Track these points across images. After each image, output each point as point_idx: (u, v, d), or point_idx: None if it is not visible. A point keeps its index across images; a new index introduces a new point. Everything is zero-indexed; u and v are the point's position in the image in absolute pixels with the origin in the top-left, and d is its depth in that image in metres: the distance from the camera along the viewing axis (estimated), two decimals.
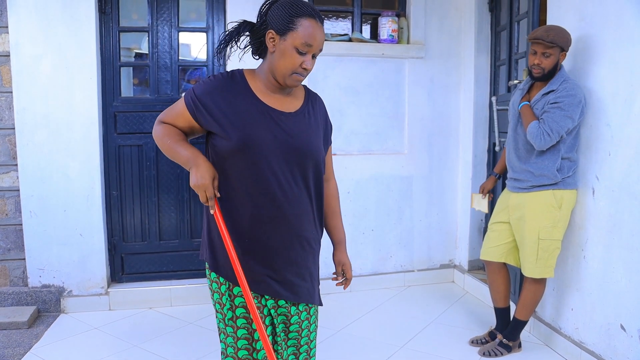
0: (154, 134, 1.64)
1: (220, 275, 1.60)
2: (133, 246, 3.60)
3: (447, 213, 4.05)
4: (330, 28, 3.85)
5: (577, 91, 2.50)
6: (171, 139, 1.58)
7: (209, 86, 1.56)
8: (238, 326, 1.60)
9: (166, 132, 1.60)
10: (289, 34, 1.49)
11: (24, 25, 3.17)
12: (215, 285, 1.63)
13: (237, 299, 1.60)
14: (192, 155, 1.51)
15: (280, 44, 1.50)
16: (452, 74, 3.94)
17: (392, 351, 2.89)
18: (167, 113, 1.64)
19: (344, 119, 3.78)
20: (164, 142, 1.59)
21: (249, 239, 1.58)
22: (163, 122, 1.63)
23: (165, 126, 1.62)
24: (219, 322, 1.65)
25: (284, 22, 1.49)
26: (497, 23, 3.73)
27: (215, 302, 1.64)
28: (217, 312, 1.65)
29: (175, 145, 1.56)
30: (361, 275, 3.90)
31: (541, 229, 2.62)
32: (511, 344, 2.82)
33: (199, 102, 1.54)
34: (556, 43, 2.49)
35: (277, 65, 1.52)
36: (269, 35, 1.52)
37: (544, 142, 2.50)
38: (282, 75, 1.53)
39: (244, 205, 1.56)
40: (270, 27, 1.52)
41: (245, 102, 1.55)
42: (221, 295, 1.62)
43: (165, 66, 3.54)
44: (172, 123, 1.62)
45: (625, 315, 2.38)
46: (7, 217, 3.36)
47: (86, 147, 3.32)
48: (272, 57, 1.53)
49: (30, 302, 3.33)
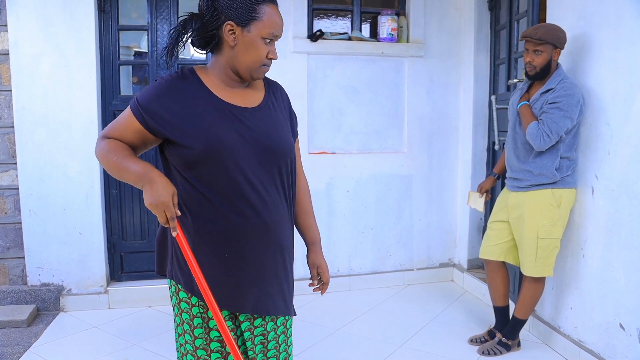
0: (96, 151, 1.41)
1: (195, 295, 1.42)
2: (132, 245, 3.60)
3: (446, 212, 4.05)
4: (329, 27, 3.85)
5: (575, 90, 2.50)
6: (117, 155, 1.36)
7: (156, 90, 1.38)
8: (211, 349, 1.43)
9: (110, 147, 1.38)
10: (252, 24, 1.35)
11: (23, 23, 3.17)
12: (185, 305, 1.44)
13: (211, 322, 1.43)
14: (145, 170, 1.31)
15: (244, 36, 1.36)
16: (451, 73, 3.94)
17: (392, 350, 2.89)
18: (112, 127, 1.42)
19: (344, 118, 3.78)
20: (108, 159, 1.37)
21: (229, 253, 1.41)
22: (107, 137, 1.42)
23: (109, 142, 1.40)
24: (184, 345, 1.46)
25: (244, 12, 1.35)
26: (496, 22, 3.73)
27: (183, 323, 1.45)
28: (184, 334, 1.46)
29: (123, 161, 1.35)
30: (360, 274, 3.90)
31: (540, 228, 2.62)
32: (510, 342, 2.82)
33: (148, 109, 1.36)
34: (544, 40, 2.50)
35: (241, 59, 1.38)
36: (227, 28, 1.36)
37: (543, 143, 2.50)
38: (248, 69, 1.40)
39: (219, 217, 1.39)
40: (228, 18, 1.35)
41: (203, 102, 1.39)
42: (192, 316, 1.43)
43: (164, 65, 3.53)
44: (119, 137, 1.41)
45: (624, 314, 2.39)
46: (7, 215, 3.35)
47: (86, 145, 3.31)
48: (234, 51, 1.38)
49: (29, 300, 3.33)
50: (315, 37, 3.61)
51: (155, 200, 1.27)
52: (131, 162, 1.34)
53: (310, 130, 3.71)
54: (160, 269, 1.52)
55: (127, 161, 1.35)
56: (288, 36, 3.59)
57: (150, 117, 1.36)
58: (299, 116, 3.65)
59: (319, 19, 3.84)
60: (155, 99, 1.37)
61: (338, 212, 3.80)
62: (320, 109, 3.73)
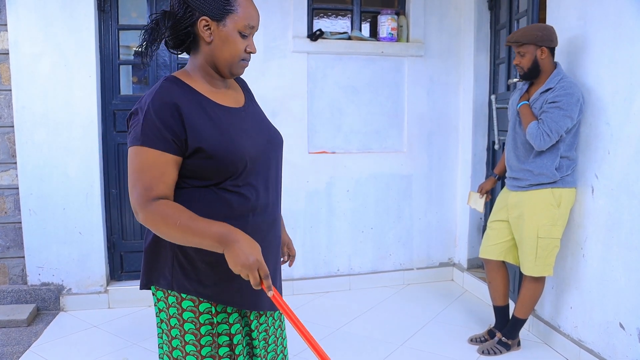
0: (151, 219, 1.24)
1: (208, 300, 1.35)
2: (132, 244, 3.60)
3: (446, 211, 4.05)
4: (329, 26, 3.85)
5: (574, 89, 2.50)
6: (182, 216, 1.23)
7: (163, 106, 1.26)
8: (220, 355, 1.36)
9: (169, 210, 1.23)
10: (228, 17, 1.31)
11: (23, 23, 3.17)
12: (190, 315, 1.35)
13: (220, 326, 1.37)
14: (225, 230, 1.21)
15: (220, 30, 1.31)
16: (451, 73, 3.94)
17: (391, 349, 2.89)
18: (149, 182, 1.24)
19: (343, 118, 3.78)
20: (173, 224, 1.22)
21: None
22: (154, 198, 1.25)
23: (161, 203, 1.24)
24: (186, 357, 1.36)
25: (218, 5, 1.30)
26: (496, 21, 3.73)
27: (186, 334, 1.35)
28: (185, 345, 1.36)
29: (192, 224, 1.22)
30: (360, 273, 3.90)
31: (540, 228, 2.62)
32: (510, 342, 2.82)
33: (170, 132, 1.25)
34: (521, 41, 2.56)
35: (220, 55, 1.33)
36: (202, 24, 1.30)
37: (543, 142, 2.49)
38: (227, 65, 1.35)
39: (240, 219, 1.35)
40: (202, 13, 1.30)
41: (205, 109, 1.33)
42: (199, 325, 1.35)
43: (164, 64, 3.53)
44: (165, 187, 1.26)
45: (624, 314, 2.39)
46: (7, 215, 3.36)
47: (85, 145, 3.32)
48: (210, 47, 1.33)
49: (29, 300, 3.33)
50: (315, 36, 3.61)
51: (247, 261, 1.19)
52: (203, 223, 1.22)
53: (310, 130, 3.71)
54: (149, 281, 1.39)
55: (198, 223, 1.22)
56: (288, 35, 3.59)
57: (175, 137, 1.26)
58: (299, 116, 3.68)
59: (319, 19, 3.83)
60: (168, 118, 1.26)
61: (338, 212, 3.80)
62: (320, 108, 3.73)
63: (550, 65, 2.60)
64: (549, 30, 2.57)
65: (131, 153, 1.27)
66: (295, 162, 3.66)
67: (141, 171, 1.25)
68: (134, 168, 1.26)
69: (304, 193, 3.71)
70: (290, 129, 3.62)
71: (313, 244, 3.77)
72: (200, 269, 1.34)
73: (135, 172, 1.26)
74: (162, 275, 1.36)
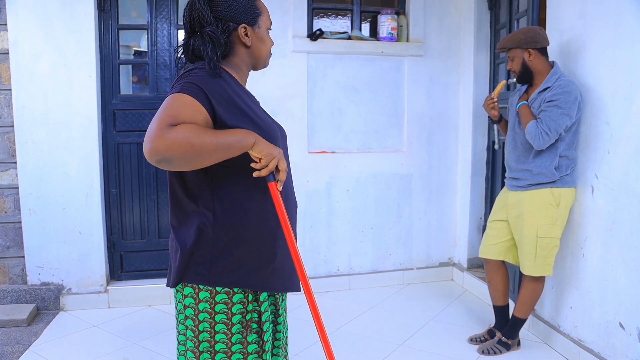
0: (171, 141, 1.19)
1: (246, 288, 1.40)
2: (132, 244, 3.60)
3: (446, 211, 4.05)
4: (329, 26, 3.85)
5: (572, 88, 2.50)
6: (207, 130, 1.25)
7: (209, 77, 1.33)
8: (249, 342, 1.42)
9: (194, 128, 1.22)
10: (259, 20, 1.47)
11: (23, 23, 3.17)
12: (223, 307, 1.39)
13: (250, 315, 1.42)
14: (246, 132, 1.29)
15: (256, 33, 1.47)
16: (451, 72, 3.94)
17: (391, 349, 2.89)
18: (176, 111, 1.24)
19: (343, 117, 3.78)
20: (199, 139, 1.21)
21: (278, 237, 1.46)
22: (176, 123, 1.23)
23: (185, 125, 1.23)
24: (215, 345, 1.40)
25: (251, 12, 1.45)
26: (496, 21, 3.73)
27: (218, 323, 1.39)
28: (216, 334, 1.39)
29: (218, 134, 1.25)
30: (360, 273, 3.90)
31: (539, 227, 2.62)
32: (510, 342, 2.82)
33: (212, 94, 1.30)
34: (506, 47, 2.64)
35: (259, 53, 1.50)
36: (242, 31, 1.44)
37: (542, 141, 2.50)
38: (264, 60, 1.53)
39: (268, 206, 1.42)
40: (240, 22, 1.43)
41: (245, 95, 1.43)
42: (230, 315, 1.39)
43: (164, 64, 3.53)
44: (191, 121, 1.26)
45: (624, 314, 2.39)
46: (6, 214, 3.36)
47: (85, 145, 3.32)
48: (250, 49, 1.47)
49: (29, 299, 3.33)
50: (315, 36, 3.61)
51: (274, 150, 1.31)
52: (225, 133, 1.27)
53: (310, 130, 3.71)
54: (180, 278, 1.40)
55: (222, 133, 1.26)
56: (288, 35, 3.59)
57: (214, 99, 1.30)
58: (299, 115, 3.69)
59: (319, 18, 3.84)
60: (212, 83, 1.32)
61: (338, 212, 3.80)
62: (320, 108, 3.73)
63: (543, 66, 2.61)
64: (533, 32, 2.59)
65: (166, 99, 1.29)
66: (295, 162, 3.65)
67: (169, 107, 1.26)
68: (163, 107, 1.26)
69: (304, 193, 3.70)
70: (290, 129, 3.58)
71: (313, 244, 3.77)
72: (239, 260, 1.40)
73: (162, 109, 1.25)
74: (197, 272, 1.39)
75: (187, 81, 1.30)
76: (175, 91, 1.29)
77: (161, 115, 1.23)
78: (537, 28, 2.65)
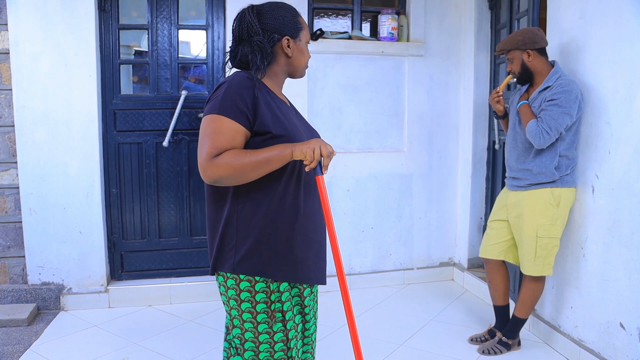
0: (217, 168, 1.40)
1: (268, 276, 1.52)
2: (133, 244, 3.60)
3: (446, 211, 4.05)
4: (330, 26, 3.85)
5: (572, 86, 2.50)
6: (246, 154, 1.42)
7: (240, 92, 1.47)
8: (274, 331, 1.54)
9: (234, 154, 1.41)
10: (300, 34, 1.62)
11: (24, 22, 3.17)
12: (247, 295, 1.52)
13: (274, 304, 1.54)
14: (282, 145, 1.44)
15: (297, 45, 1.61)
16: (451, 72, 3.94)
17: (392, 349, 2.89)
18: (218, 141, 1.41)
19: (344, 117, 3.78)
20: (240, 163, 1.40)
21: (316, 232, 1.62)
22: (219, 152, 1.42)
23: (227, 152, 1.41)
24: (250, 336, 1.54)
25: (294, 26, 1.60)
26: (497, 21, 3.72)
27: (244, 312, 1.53)
28: (245, 323, 1.53)
29: (256, 155, 1.41)
30: (361, 273, 3.90)
31: (539, 227, 2.62)
32: (510, 342, 2.82)
33: (246, 108, 1.45)
34: (505, 48, 2.64)
35: (298, 63, 1.64)
36: (285, 43, 1.58)
37: (543, 140, 2.50)
38: (302, 71, 1.67)
39: (306, 202, 1.58)
40: (282, 34, 1.58)
41: (274, 99, 1.56)
42: (255, 303, 1.52)
43: (165, 64, 3.53)
44: (231, 148, 1.44)
45: (624, 314, 2.39)
46: (7, 214, 3.36)
47: (86, 144, 3.32)
48: (290, 59, 1.62)
49: (29, 299, 3.33)
50: (315, 36, 3.60)
51: (311, 144, 1.43)
52: (264, 151, 1.42)
53: None
54: (214, 267, 1.57)
55: (259, 153, 1.42)
56: None
57: (249, 112, 1.46)
58: None
59: (319, 18, 3.84)
60: (245, 95, 1.47)
61: (338, 211, 3.80)
62: (321, 107, 3.73)
63: (543, 66, 2.61)
64: (531, 33, 2.60)
65: (205, 120, 1.46)
66: None
67: (212, 134, 1.43)
68: (205, 132, 1.44)
69: None
70: None
71: None
72: (259, 251, 1.52)
73: (206, 135, 1.43)
74: (226, 261, 1.54)
75: (224, 96, 1.45)
76: (214, 111, 1.44)
77: (206, 147, 1.42)
78: (534, 29, 2.65)
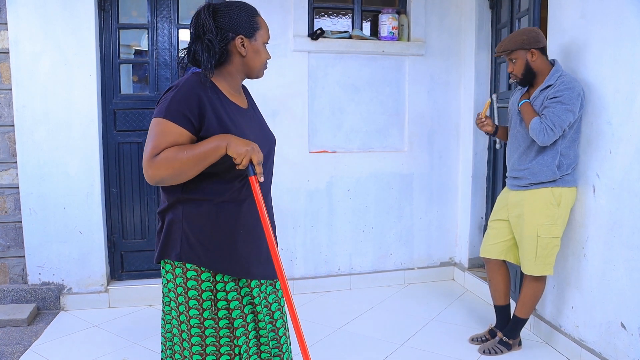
0: (157, 167, 1.43)
1: (210, 268, 1.55)
2: (133, 244, 3.60)
3: (447, 211, 4.05)
4: (330, 25, 3.84)
5: (574, 84, 2.49)
6: (184, 149, 1.44)
7: (186, 95, 1.49)
8: (219, 317, 1.56)
9: (173, 151, 1.44)
10: (256, 34, 1.61)
11: (23, 22, 3.17)
12: (194, 283, 1.56)
13: (219, 294, 1.57)
14: (218, 138, 1.44)
15: (252, 45, 1.61)
16: (452, 72, 3.94)
17: (392, 349, 2.89)
18: (159, 144, 1.45)
19: (344, 117, 3.77)
20: (178, 160, 1.42)
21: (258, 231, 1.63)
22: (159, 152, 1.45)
23: (166, 151, 1.44)
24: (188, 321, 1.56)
25: (249, 26, 1.60)
26: (497, 20, 3.72)
27: (191, 299, 1.55)
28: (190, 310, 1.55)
29: (193, 150, 1.43)
30: (361, 272, 3.90)
31: (540, 227, 2.61)
32: (511, 342, 2.81)
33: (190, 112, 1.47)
34: (509, 48, 2.59)
35: (253, 64, 1.63)
36: (239, 41, 1.58)
37: (547, 137, 2.49)
38: (257, 71, 1.66)
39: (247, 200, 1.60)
40: (237, 33, 1.58)
41: (223, 103, 1.56)
42: (201, 291, 1.55)
43: (165, 63, 3.53)
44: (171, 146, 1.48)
45: (625, 314, 2.38)
46: (7, 214, 3.35)
47: (86, 144, 3.31)
48: (244, 59, 1.61)
49: (29, 299, 3.33)
50: (315, 35, 3.60)
51: (247, 145, 1.42)
52: (200, 146, 1.44)
53: (311, 129, 3.71)
54: (161, 255, 1.61)
55: (196, 148, 1.44)
56: (288, 35, 3.59)
57: (194, 118, 1.48)
58: (300, 115, 3.69)
59: (320, 18, 3.83)
60: (192, 101, 1.49)
61: (339, 211, 3.79)
62: (321, 107, 3.73)
63: (545, 65, 2.61)
64: (534, 32, 2.59)
65: (153, 123, 1.49)
66: (296, 162, 3.66)
67: (155, 136, 1.46)
68: (150, 134, 1.48)
69: (304, 192, 3.70)
70: (291, 128, 3.62)
71: (314, 244, 3.77)
72: (203, 242, 1.56)
73: (150, 137, 1.48)
74: (173, 250, 1.58)
75: (171, 101, 1.48)
76: (160, 115, 1.47)
77: (149, 148, 1.46)
78: (535, 28, 2.65)
